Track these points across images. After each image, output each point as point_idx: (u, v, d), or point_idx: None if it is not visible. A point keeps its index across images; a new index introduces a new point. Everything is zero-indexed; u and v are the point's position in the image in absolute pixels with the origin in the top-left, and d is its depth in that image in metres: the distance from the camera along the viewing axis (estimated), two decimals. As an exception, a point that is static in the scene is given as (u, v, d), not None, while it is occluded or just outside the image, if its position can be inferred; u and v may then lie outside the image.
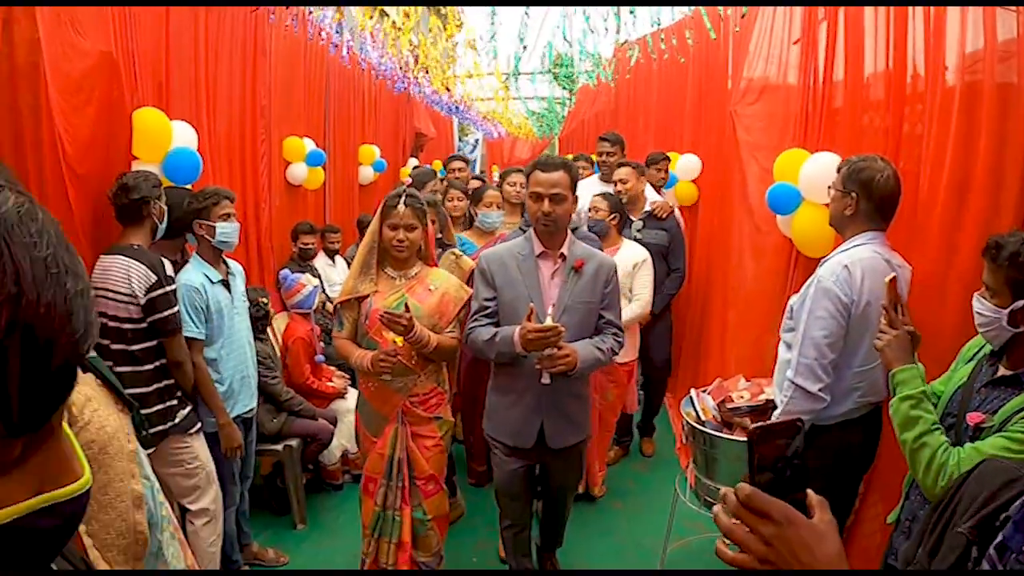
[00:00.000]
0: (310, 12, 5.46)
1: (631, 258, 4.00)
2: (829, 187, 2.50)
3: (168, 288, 2.74)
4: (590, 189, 4.75)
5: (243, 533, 3.51)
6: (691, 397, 3.23)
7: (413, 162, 9.31)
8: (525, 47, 6.35)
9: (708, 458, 2.98)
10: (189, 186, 3.24)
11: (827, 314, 2.32)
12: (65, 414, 2.03)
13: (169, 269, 2.80)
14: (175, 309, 2.76)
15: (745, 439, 2.71)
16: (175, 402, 2.84)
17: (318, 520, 4.05)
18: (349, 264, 5.81)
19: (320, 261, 5.55)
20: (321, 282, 5.18)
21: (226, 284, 3.13)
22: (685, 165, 5.44)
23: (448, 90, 11.44)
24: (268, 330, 4.19)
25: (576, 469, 3.04)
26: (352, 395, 4.35)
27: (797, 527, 0.80)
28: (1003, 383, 1.87)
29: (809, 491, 0.84)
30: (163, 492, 2.57)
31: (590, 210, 4.07)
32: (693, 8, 5.31)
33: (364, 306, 2.88)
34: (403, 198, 2.82)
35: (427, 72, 9.53)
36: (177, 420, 2.83)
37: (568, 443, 2.84)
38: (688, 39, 5.39)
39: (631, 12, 5.96)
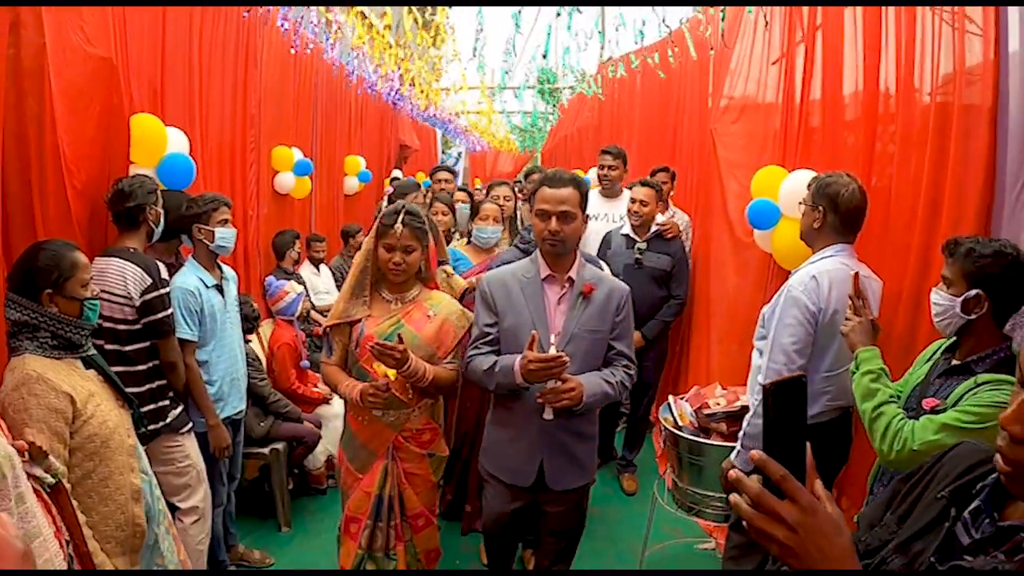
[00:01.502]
0: (300, 20, 5.53)
1: None
2: (800, 202, 2.64)
3: (162, 290, 2.80)
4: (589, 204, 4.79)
5: (229, 534, 3.56)
6: (669, 403, 3.33)
7: (397, 173, 9.41)
8: (508, 71, 6.44)
9: (686, 463, 3.09)
10: (183, 191, 3.30)
11: (795, 322, 2.44)
12: (70, 408, 2.11)
13: (163, 272, 2.85)
14: (169, 311, 2.82)
15: (722, 443, 2.79)
16: (167, 402, 2.89)
17: (303, 524, 4.11)
18: (333, 273, 5.89)
19: (305, 270, 5.61)
20: (307, 290, 5.24)
21: (220, 288, 3.19)
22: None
23: (432, 103, 11.52)
24: (255, 334, 4.25)
25: (578, 513, 2.73)
26: (337, 401, 4.40)
27: (818, 516, 0.84)
28: (955, 372, 2.04)
29: (817, 483, 0.88)
30: (155, 489, 2.63)
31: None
32: (676, 26, 5.45)
33: (355, 331, 2.64)
34: (401, 216, 2.55)
35: (413, 85, 9.61)
36: (169, 420, 2.88)
37: (570, 485, 2.59)
38: (671, 57, 5.52)
39: (616, 28, 6.10)
